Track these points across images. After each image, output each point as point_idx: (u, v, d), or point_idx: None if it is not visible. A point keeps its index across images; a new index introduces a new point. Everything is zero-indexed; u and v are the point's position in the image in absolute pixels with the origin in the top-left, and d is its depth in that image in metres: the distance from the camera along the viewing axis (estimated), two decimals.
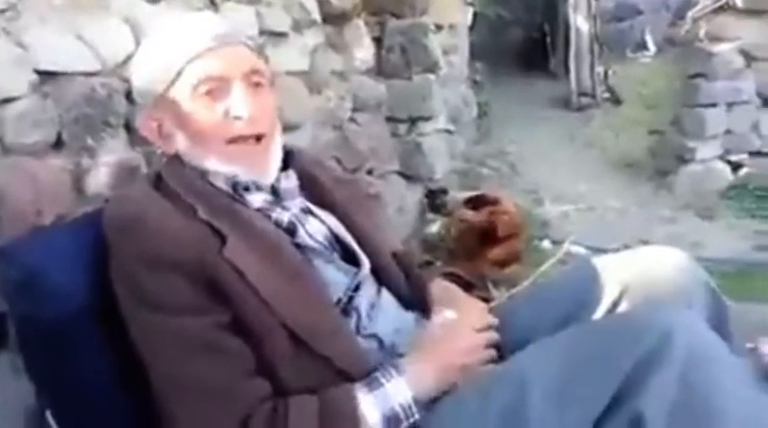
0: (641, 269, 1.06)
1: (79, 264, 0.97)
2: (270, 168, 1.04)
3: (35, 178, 1.24)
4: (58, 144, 1.33)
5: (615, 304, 1.05)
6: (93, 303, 0.94)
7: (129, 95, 1.45)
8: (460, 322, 1.04)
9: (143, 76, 1.04)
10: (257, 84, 1.03)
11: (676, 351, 0.80)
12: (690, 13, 3.99)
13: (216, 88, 0.99)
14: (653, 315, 0.87)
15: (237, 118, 1.00)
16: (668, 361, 0.79)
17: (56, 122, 1.31)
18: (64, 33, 1.36)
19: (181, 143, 1.02)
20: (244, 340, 0.91)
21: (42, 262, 0.95)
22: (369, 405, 0.90)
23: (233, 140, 1.00)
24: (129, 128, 1.48)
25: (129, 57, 1.46)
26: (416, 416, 0.91)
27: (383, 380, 0.93)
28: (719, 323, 1.00)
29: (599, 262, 1.12)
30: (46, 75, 1.31)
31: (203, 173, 1.02)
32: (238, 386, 0.90)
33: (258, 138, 1.02)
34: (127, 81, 1.44)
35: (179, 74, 0.99)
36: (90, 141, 1.37)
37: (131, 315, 0.93)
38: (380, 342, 1.03)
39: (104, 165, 1.38)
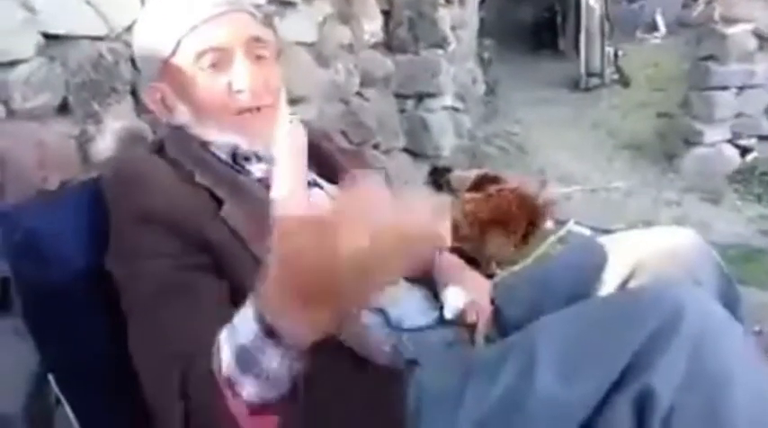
0: (653, 248, 1.05)
1: (82, 228, 0.97)
2: (271, 139, 1.03)
3: (41, 143, 1.24)
4: (63, 109, 1.32)
5: (626, 282, 1.04)
6: (95, 266, 0.94)
7: (135, 62, 1.43)
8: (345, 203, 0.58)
9: (145, 44, 1.03)
10: (259, 57, 1.01)
11: (686, 327, 0.79)
12: None
13: (219, 59, 0.98)
14: (663, 290, 0.86)
15: (239, 91, 0.99)
16: (678, 336, 0.79)
17: (62, 87, 1.30)
18: None
19: (183, 115, 1.02)
20: (234, 298, 0.83)
21: (45, 225, 0.95)
22: (224, 344, 0.67)
23: (236, 113, 1.00)
24: (135, 94, 1.46)
25: (135, 23, 1.44)
26: (269, 355, 0.62)
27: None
28: (730, 303, 0.99)
29: (610, 240, 1.11)
30: (53, 39, 1.29)
31: (205, 143, 1.01)
32: (194, 327, 0.77)
33: (259, 108, 1.01)
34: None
35: (179, 43, 0.98)
36: (96, 107, 1.36)
37: (114, 268, 0.91)
38: (386, 316, 1.03)
39: (110, 132, 1.37)
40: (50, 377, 0.95)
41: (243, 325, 0.64)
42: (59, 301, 0.94)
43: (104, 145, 1.35)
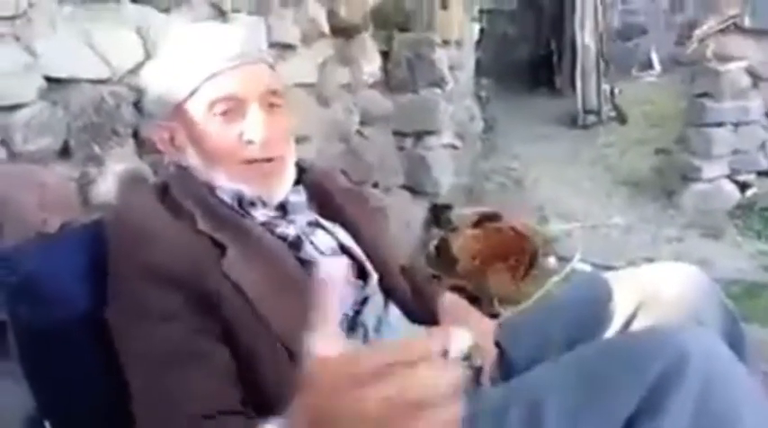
0: (656, 285, 1.04)
1: (80, 272, 0.96)
2: (280, 189, 1.04)
3: (42, 185, 1.24)
4: (65, 152, 1.33)
5: (630, 320, 1.03)
6: (91, 311, 0.93)
7: (137, 104, 1.44)
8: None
9: (159, 86, 1.03)
10: (273, 106, 1.01)
11: (692, 370, 0.78)
12: (696, 33, 3.99)
13: (232, 108, 0.98)
14: (669, 334, 0.85)
15: (250, 142, 0.99)
16: (685, 381, 0.78)
17: (63, 130, 1.31)
18: (74, 41, 1.35)
19: (192, 157, 1.02)
20: (236, 356, 0.88)
21: (43, 268, 0.94)
22: None
23: (245, 162, 1.00)
24: (136, 137, 1.47)
25: (138, 66, 1.46)
26: None
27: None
28: (735, 342, 0.98)
29: (613, 277, 1.10)
30: (55, 83, 1.30)
31: (211, 188, 1.01)
32: (205, 391, 0.84)
33: (270, 159, 1.01)
34: (135, 90, 1.44)
35: (196, 90, 0.98)
36: (97, 150, 1.36)
37: (117, 323, 0.90)
38: None
39: (111, 174, 1.37)
40: (47, 424, 0.94)
41: None
42: (57, 345, 0.93)
43: (105, 187, 1.35)
